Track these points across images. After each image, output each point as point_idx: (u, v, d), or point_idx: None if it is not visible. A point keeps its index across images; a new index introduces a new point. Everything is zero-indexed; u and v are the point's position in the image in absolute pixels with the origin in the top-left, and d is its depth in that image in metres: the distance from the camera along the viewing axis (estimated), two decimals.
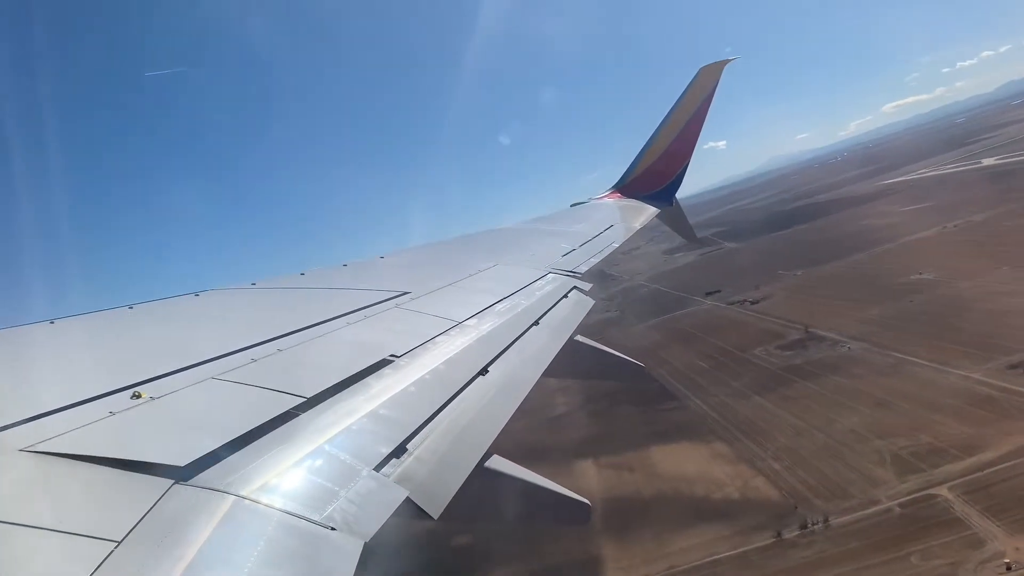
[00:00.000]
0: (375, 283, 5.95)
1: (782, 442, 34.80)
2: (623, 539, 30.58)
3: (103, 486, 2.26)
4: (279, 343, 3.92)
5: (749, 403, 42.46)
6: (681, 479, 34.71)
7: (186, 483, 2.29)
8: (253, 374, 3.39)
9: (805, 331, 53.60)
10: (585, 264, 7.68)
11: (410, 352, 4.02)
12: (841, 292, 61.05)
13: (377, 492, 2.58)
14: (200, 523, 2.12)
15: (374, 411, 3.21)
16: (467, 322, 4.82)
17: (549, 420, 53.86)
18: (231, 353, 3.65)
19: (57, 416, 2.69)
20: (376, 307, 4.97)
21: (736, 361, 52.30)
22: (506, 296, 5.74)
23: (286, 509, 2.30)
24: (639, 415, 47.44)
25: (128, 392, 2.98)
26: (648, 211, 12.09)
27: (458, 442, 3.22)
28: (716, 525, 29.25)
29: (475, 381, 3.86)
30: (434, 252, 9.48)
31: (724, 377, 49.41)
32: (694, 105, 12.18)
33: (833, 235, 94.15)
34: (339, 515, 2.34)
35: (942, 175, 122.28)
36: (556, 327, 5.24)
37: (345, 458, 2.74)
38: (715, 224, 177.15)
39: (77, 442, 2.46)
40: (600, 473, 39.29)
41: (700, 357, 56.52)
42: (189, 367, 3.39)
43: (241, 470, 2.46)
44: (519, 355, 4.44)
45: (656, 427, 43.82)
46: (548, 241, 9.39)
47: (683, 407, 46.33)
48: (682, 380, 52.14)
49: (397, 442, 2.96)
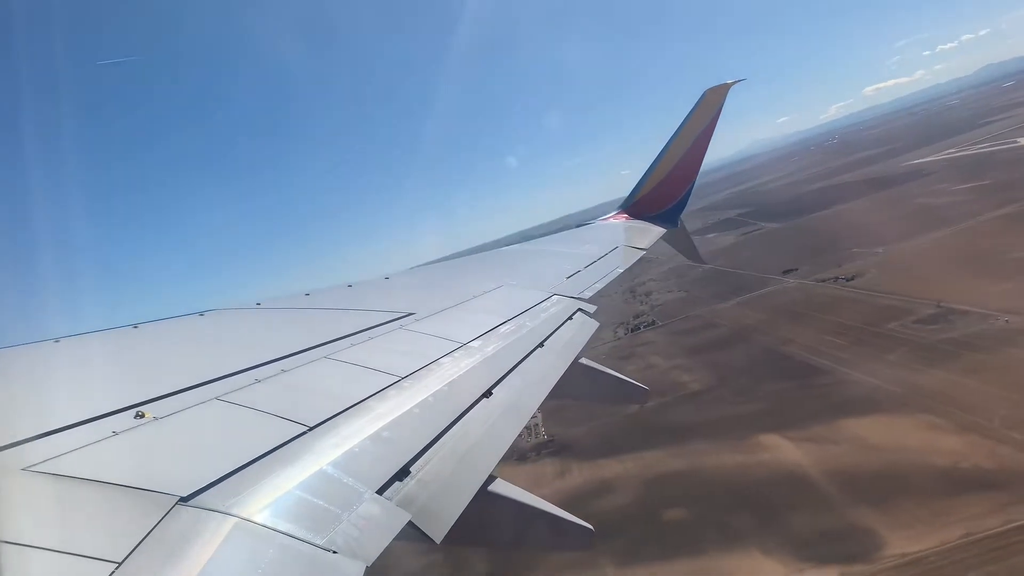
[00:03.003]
0: (380, 304, 6.03)
1: (1003, 412, 35.40)
2: (887, 510, 30.91)
3: (104, 506, 2.28)
4: (283, 363, 3.99)
5: (927, 375, 43.01)
6: (906, 450, 35.13)
7: (188, 504, 2.31)
8: (257, 396, 3.43)
9: (937, 306, 54.40)
10: (590, 288, 7.69)
11: (414, 373, 4.10)
12: (950, 268, 61.69)
13: (379, 515, 2.61)
14: (202, 544, 2.13)
15: (377, 433, 3.24)
16: (471, 343, 4.92)
17: (689, 398, 54.23)
18: (235, 373, 3.70)
19: (60, 435, 2.71)
20: (381, 328, 5.04)
21: (876, 336, 52.87)
22: (511, 318, 5.83)
23: (288, 532, 2.33)
24: (797, 390, 47.85)
25: (132, 412, 3.02)
26: (654, 232, 12.31)
27: (461, 465, 3.25)
28: (989, 493, 29.68)
29: (479, 403, 3.90)
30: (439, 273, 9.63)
31: (873, 352, 49.93)
32: (699, 126, 12.48)
33: (891, 214, 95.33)
34: (341, 538, 2.37)
35: (977, 155, 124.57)
36: (561, 349, 5.33)
37: (347, 481, 2.77)
38: (725, 206, 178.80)
39: (80, 462, 2.50)
40: (799, 447, 39.63)
41: (828, 333, 57.03)
42: (193, 387, 3.43)
43: (243, 491, 2.48)
44: (523, 377, 4.53)
45: (829, 401, 44.22)
46: (553, 262, 9.49)
47: (844, 381, 46.76)
48: (823, 356, 52.64)
49: (400, 465, 3.00)
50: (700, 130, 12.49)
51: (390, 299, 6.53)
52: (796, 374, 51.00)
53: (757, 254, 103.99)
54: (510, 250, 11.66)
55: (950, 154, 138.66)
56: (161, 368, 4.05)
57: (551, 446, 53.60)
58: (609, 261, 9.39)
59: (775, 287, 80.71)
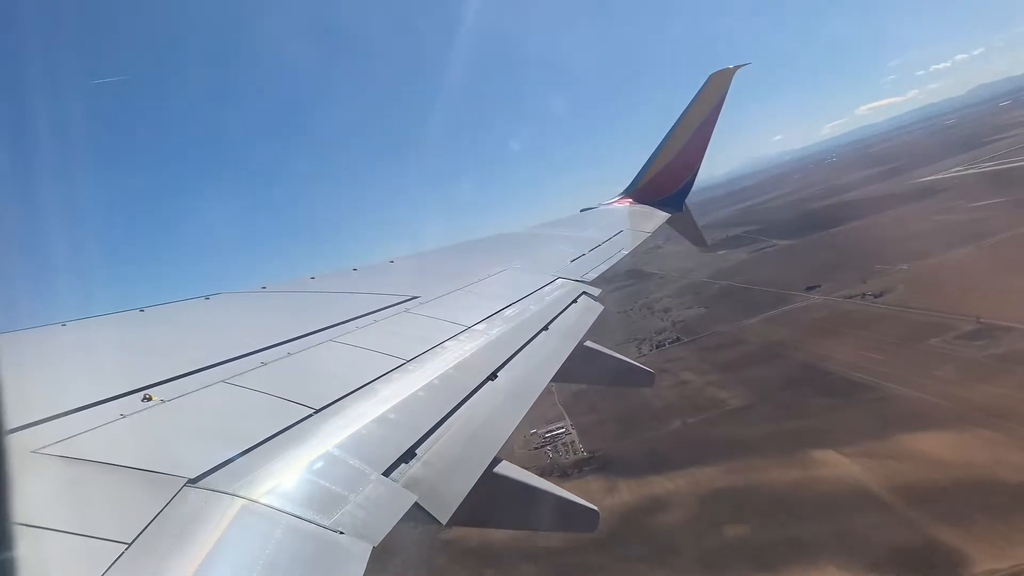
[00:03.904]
0: (384, 287, 6.06)
1: None
2: (965, 526, 30.72)
3: (113, 488, 2.31)
4: (288, 347, 4.00)
5: (979, 391, 43.02)
6: (972, 466, 35.05)
7: (196, 486, 2.34)
8: (263, 379, 3.45)
9: (977, 321, 54.63)
10: (594, 270, 7.76)
11: (419, 356, 4.12)
12: (982, 284, 62.07)
13: (386, 497, 2.64)
14: (210, 526, 2.16)
15: (383, 415, 3.26)
16: (476, 327, 4.95)
17: (731, 414, 54.00)
18: (241, 356, 3.73)
19: (69, 418, 2.74)
20: (386, 311, 5.07)
21: (919, 352, 52.96)
22: (515, 301, 5.87)
23: (295, 513, 2.36)
24: (844, 406, 47.73)
25: (139, 395, 3.04)
26: (658, 216, 12.33)
27: (467, 447, 3.28)
28: None
29: (484, 386, 3.94)
30: (443, 257, 9.61)
31: (919, 368, 49.95)
32: (705, 111, 12.48)
33: (910, 231, 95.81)
34: (348, 519, 2.40)
35: (988, 173, 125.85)
36: (565, 332, 5.38)
37: (354, 463, 2.79)
38: (731, 223, 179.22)
39: (88, 444, 2.53)
40: (857, 463, 39.48)
41: (867, 349, 57.03)
42: (200, 370, 3.46)
43: (251, 473, 2.51)
44: (528, 360, 4.57)
45: (880, 416, 44.13)
46: (557, 246, 9.53)
47: (893, 397, 46.76)
48: (866, 372, 52.61)
49: (406, 447, 3.03)
50: (705, 115, 12.45)
51: (395, 283, 6.54)
52: (840, 390, 50.93)
53: (773, 271, 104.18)
54: (514, 234, 11.65)
55: (959, 172, 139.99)
56: (168, 351, 4.07)
57: (593, 463, 53.24)
58: (614, 244, 9.39)
59: (800, 303, 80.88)
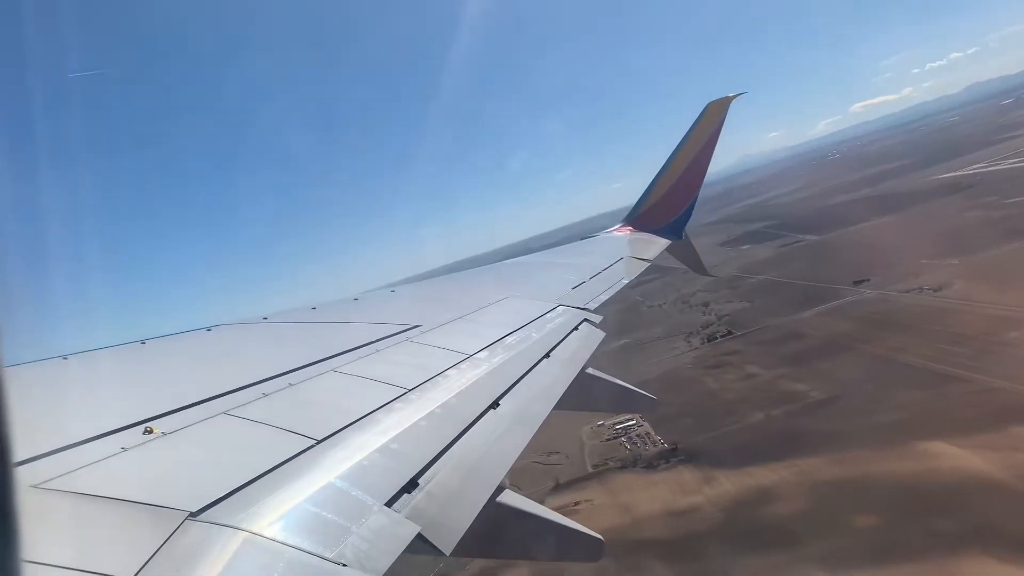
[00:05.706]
0: (386, 316, 6.11)
1: None
2: None
3: (115, 522, 2.32)
4: (290, 377, 4.06)
5: None
6: None
7: (197, 519, 2.35)
8: (264, 410, 3.49)
9: None
10: (596, 298, 7.84)
11: (421, 385, 4.17)
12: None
13: (388, 528, 2.65)
14: (212, 560, 2.16)
15: (385, 446, 3.29)
16: (477, 355, 5.00)
17: (815, 406, 54.12)
18: (242, 388, 3.77)
19: (70, 452, 2.76)
20: (387, 340, 5.12)
21: (1001, 345, 53.23)
22: (516, 329, 5.92)
23: (297, 546, 2.37)
24: (937, 398, 47.85)
25: (140, 428, 3.08)
26: (659, 244, 12.53)
27: (470, 476, 3.30)
28: None
29: (486, 415, 3.98)
30: (444, 285, 9.73)
31: (1008, 360, 49.98)
32: (702, 139, 12.74)
33: (946, 227, 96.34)
34: (350, 551, 2.41)
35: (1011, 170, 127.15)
36: (567, 360, 5.44)
37: (356, 494, 2.81)
38: (745, 219, 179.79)
39: (89, 478, 2.55)
40: (977, 454, 39.63)
41: (943, 343, 57.17)
42: (201, 402, 3.49)
43: (253, 506, 2.52)
44: (530, 388, 4.61)
45: (984, 409, 44.21)
46: (558, 274, 9.60)
47: (990, 389, 46.82)
48: (951, 364, 52.81)
49: (408, 477, 3.06)
50: (703, 143, 12.65)
51: (396, 312, 6.59)
52: (927, 383, 51.07)
53: (810, 265, 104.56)
54: (515, 262, 11.71)
55: (979, 168, 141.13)
56: (169, 383, 4.09)
57: (679, 454, 53.20)
58: (614, 272, 9.43)
59: (853, 298, 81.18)
